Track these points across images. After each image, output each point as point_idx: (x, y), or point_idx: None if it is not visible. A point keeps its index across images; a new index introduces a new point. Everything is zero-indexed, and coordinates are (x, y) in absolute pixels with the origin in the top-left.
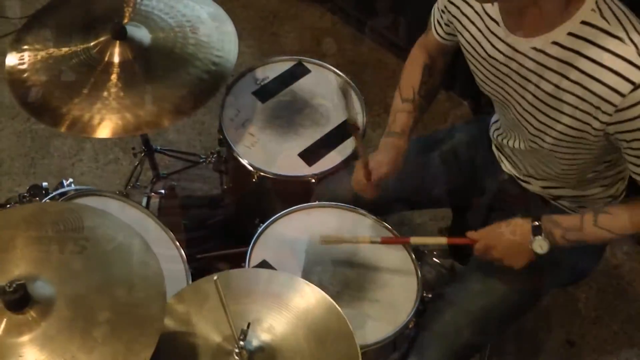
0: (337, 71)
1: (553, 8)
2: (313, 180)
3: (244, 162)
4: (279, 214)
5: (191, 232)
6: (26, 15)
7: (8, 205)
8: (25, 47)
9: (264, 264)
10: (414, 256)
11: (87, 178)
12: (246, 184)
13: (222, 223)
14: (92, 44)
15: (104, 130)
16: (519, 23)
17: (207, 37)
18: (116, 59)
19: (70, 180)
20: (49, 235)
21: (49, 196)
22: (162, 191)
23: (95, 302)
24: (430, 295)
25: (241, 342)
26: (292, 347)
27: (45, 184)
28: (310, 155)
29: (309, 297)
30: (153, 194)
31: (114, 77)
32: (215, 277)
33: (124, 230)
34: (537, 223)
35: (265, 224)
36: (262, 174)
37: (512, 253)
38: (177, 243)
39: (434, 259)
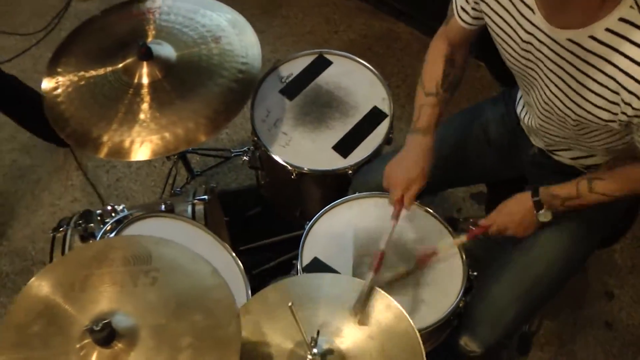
0: (359, 59)
1: (592, 4)
2: (350, 172)
3: (282, 161)
4: (322, 210)
5: (232, 226)
6: (39, 29)
7: (61, 229)
8: (59, 79)
9: (316, 261)
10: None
11: (123, 183)
12: (284, 180)
13: (261, 214)
14: (120, 66)
15: (145, 152)
16: (556, 15)
17: (230, 45)
18: (145, 80)
19: (123, 206)
20: (120, 270)
21: (107, 225)
22: (205, 197)
23: (176, 329)
24: (475, 274)
25: (314, 350)
26: (360, 347)
27: (99, 211)
28: (344, 147)
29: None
30: (196, 201)
31: (147, 98)
32: (290, 304)
33: (190, 257)
34: (537, 198)
35: (311, 222)
36: (300, 171)
37: (523, 228)
38: (234, 254)
39: (470, 226)
